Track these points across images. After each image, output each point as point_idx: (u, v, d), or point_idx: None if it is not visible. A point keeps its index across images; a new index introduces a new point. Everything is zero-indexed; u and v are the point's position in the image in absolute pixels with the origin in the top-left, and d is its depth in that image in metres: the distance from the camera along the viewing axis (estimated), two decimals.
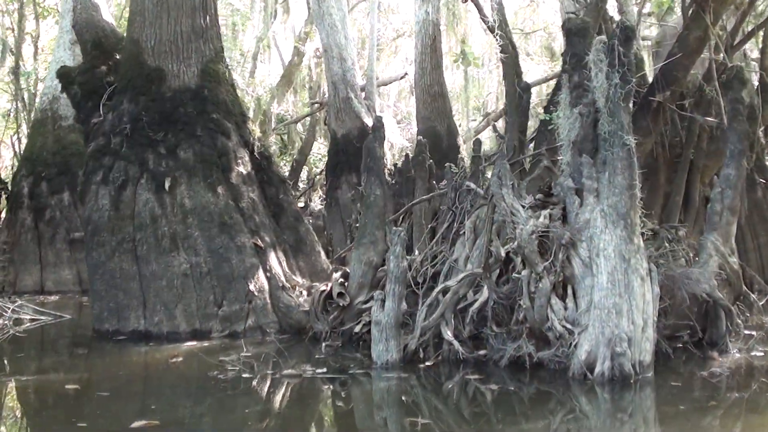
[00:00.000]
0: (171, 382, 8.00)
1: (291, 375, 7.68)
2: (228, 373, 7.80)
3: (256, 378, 7.65)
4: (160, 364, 8.94)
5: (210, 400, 7.01)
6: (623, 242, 7.26)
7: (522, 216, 7.62)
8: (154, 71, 11.18)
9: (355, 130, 19.71)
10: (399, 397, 7.08)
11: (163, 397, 7.21)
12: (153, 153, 10.94)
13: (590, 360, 7.11)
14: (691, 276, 7.92)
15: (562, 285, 7.64)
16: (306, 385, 7.41)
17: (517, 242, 7.50)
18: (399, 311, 8.09)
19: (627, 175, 7.34)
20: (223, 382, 7.49)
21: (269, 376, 7.69)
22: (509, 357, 7.77)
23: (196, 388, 7.54)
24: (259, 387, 7.35)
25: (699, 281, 7.91)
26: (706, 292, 8.09)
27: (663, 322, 7.88)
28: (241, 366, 7.97)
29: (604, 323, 7.10)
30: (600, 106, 7.51)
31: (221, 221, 10.78)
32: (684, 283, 7.88)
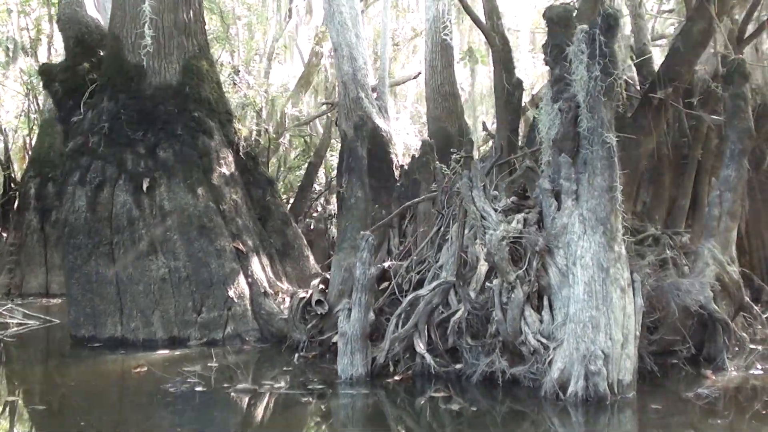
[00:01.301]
0: (118, 395, 7.54)
1: (245, 390, 7.17)
2: (182, 386, 7.31)
3: (209, 392, 7.14)
4: (122, 374, 8.49)
5: (147, 415, 6.52)
6: (602, 249, 6.63)
7: (493, 220, 7.02)
8: (134, 68, 10.80)
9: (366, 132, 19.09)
10: (348, 417, 6.52)
11: (99, 411, 6.73)
12: (131, 153, 10.55)
13: (564, 378, 6.49)
14: (681, 287, 7.24)
15: (538, 296, 7.02)
16: (255, 400, 6.90)
17: (486, 249, 6.91)
18: (366, 322, 7.54)
19: (607, 176, 6.70)
20: (172, 396, 7.01)
21: (222, 391, 7.17)
22: (482, 373, 7.16)
23: (141, 402, 7.06)
24: (206, 402, 6.86)
25: (690, 292, 7.24)
26: (700, 304, 7.40)
27: (648, 337, 7.20)
28: (197, 379, 7.49)
29: (579, 338, 6.47)
30: (580, 101, 6.88)
31: (200, 224, 10.34)
32: (674, 295, 7.21)
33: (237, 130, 11.30)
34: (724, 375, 7.42)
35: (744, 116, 8.16)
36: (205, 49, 11.31)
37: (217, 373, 7.83)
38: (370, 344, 7.69)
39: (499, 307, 6.97)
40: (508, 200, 7.50)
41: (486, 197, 7.30)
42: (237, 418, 6.46)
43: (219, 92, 11.32)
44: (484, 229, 7.09)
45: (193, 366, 8.33)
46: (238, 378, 7.56)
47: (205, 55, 11.30)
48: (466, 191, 7.25)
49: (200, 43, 11.16)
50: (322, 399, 7.01)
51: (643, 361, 7.02)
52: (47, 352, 10.48)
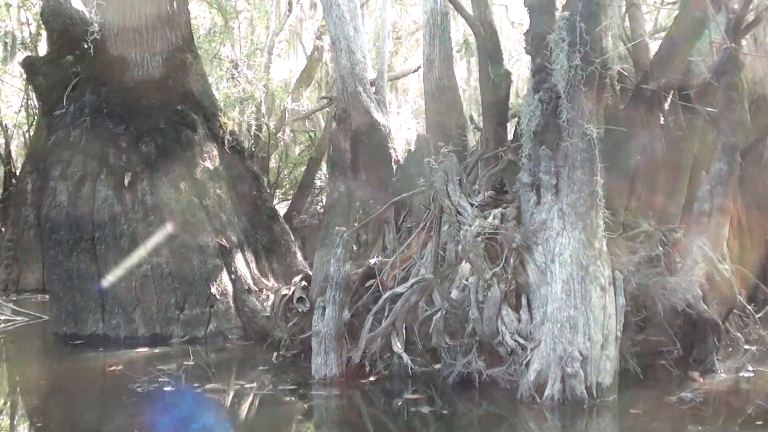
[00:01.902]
0: (85, 395, 7.33)
1: (214, 389, 6.95)
2: (150, 386, 7.09)
3: (177, 392, 6.91)
4: (96, 373, 8.28)
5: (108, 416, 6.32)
6: (581, 246, 6.34)
7: (468, 215, 6.74)
8: (116, 60, 10.59)
9: (364, 126, 18.76)
10: (313, 419, 6.27)
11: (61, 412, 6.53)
12: (113, 147, 10.34)
13: (540, 381, 6.22)
14: (666, 285, 6.93)
15: (516, 294, 6.74)
16: (222, 401, 6.66)
17: (461, 245, 6.63)
18: (340, 320, 7.30)
19: (587, 169, 6.41)
20: (138, 396, 6.80)
21: (190, 391, 6.93)
22: (459, 374, 6.90)
23: (104, 402, 6.88)
24: (171, 402, 6.64)
25: (676, 291, 6.93)
26: (687, 304, 7.10)
27: (632, 338, 6.89)
28: (168, 378, 7.27)
29: (557, 339, 6.20)
30: (560, 91, 6.59)
31: (183, 219, 10.11)
32: (659, 294, 6.90)
33: (223, 123, 11.06)
34: (713, 377, 7.12)
35: (736, 108, 7.84)
36: (189, 41, 11.07)
37: (190, 373, 7.59)
38: (346, 343, 7.43)
39: (475, 306, 6.70)
40: (486, 194, 7.21)
41: (462, 191, 7.02)
42: (198, 419, 6.22)
43: (204, 85, 11.09)
44: (459, 224, 6.81)
45: (168, 365, 8.11)
46: (209, 378, 7.31)
47: (190, 47, 11.06)
48: (441, 185, 6.98)
49: (184, 36, 10.93)
50: (291, 400, 6.77)
51: (626, 363, 6.71)
52: (28, 349, 10.31)
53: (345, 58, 19.05)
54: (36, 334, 11.10)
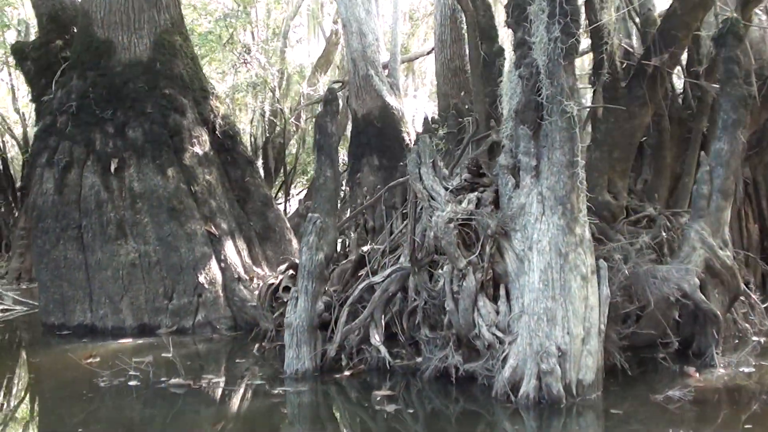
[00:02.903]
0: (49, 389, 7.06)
1: (179, 384, 6.63)
2: (115, 380, 6.81)
3: (141, 387, 6.61)
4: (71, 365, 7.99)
5: (59, 414, 6.03)
6: (561, 233, 5.89)
7: (442, 200, 6.32)
8: (103, 44, 10.30)
9: (376, 110, 18.48)
10: (263, 418, 5.89)
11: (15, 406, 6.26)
12: (100, 132, 10.07)
13: (516, 377, 5.80)
14: (657, 274, 6.44)
15: (494, 284, 6.32)
16: (183, 397, 6.33)
17: (433, 232, 6.22)
18: (314, 312, 6.94)
19: (567, 149, 5.94)
20: (99, 392, 6.52)
21: (155, 386, 6.62)
22: (435, 368, 6.50)
23: (63, 397, 6.56)
24: (131, 398, 6.32)
25: (668, 280, 6.44)
26: (683, 293, 6.61)
27: (619, 330, 6.42)
28: (137, 372, 6.97)
29: (533, 333, 5.77)
30: (540, 66, 6.12)
31: (170, 206, 9.83)
32: (649, 283, 6.42)
33: (214, 107, 10.72)
34: (711, 372, 6.64)
35: (738, 82, 7.30)
36: (178, 23, 10.74)
37: (163, 366, 7.27)
38: (320, 336, 7.07)
39: (450, 297, 6.30)
40: (461, 178, 6.77)
41: (436, 175, 6.59)
42: (149, 416, 5.90)
43: (194, 68, 10.75)
44: (432, 209, 6.40)
45: (147, 357, 7.82)
46: (180, 371, 6.99)
47: (179, 29, 10.73)
48: (413, 168, 6.56)
49: (173, 17, 10.60)
50: (252, 396, 6.41)
51: (613, 358, 6.26)
52: (13, 340, 10.10)
53: (356, 41, 18.77)
54: (29, 324, 10.90)
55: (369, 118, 18.39)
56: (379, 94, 18.32)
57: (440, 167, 6.71)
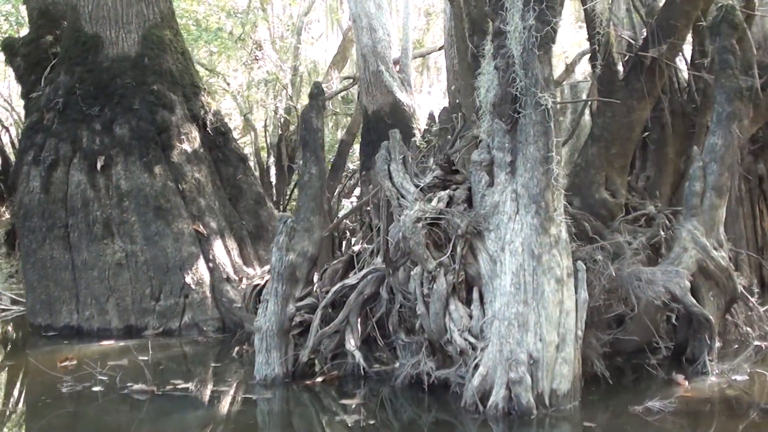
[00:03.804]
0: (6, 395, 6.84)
1: (141, 391, 6.38)
2: (79, 386, 6.59)
3: (103, 393, 6.38)
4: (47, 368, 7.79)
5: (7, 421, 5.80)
6: (534, 233, 5.54)
7: (411, 198, 6.00)
8: (90, 39, 10.10)
9: (387, 106, 18.17)
10: (213, 428, 5.60)
11: None
12: (87, 129, 9.88)
13: (486, 386, 5.46)
14: (642, 276, 6.06)
15: (468, 287, 5.98)
16: (143, 404, 6.09)
17: (401, 231, 5.90)
18: (285, 315, 6.65)
19: (541, 144, 5.59)
20: (59, 398, 6.30)
21: (118, 392, 6.38)
22: (407, 375, 6.19)
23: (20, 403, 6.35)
24: (88, 406, 6.09)
25: (653, 282, 6.05)
26: (672, 296, 6.22)
27: (599, 336, 6.04)
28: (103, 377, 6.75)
29: (504, 339, 5.42)
30: (516, 56, 5.77)
31: (157, 205, 9.60)
32: (634, 286, 6.04)
33: (205, 103, 10.48)
34: (702, 381, 6.24)
35: (733, 73, 6.88)
36: (168, 17, 10.51)
37: (136, 371, 7.01)
38: (291, 341, 6.79)
39: (421, 300, 5.97)
40: (433, 175, 6.44)
41: (407, 172, 6.27)
42: (100, 425, 5.65)
43: (184, 63, 10.51)
44: (401, 208, 6.08)
45: (121, 360, 7.61)
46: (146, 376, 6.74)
47: (169, 23, 10.49)
48: (381, 165, 6.24)
49: (163, 11, 10.37)
50: (217, 403, 6.15)
51: (589, 366, 5.89)
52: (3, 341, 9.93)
53: (366, 36, 18.46)
54: (19, 325, 10.74)
55: (379, 114, 18.09)
56: (390, 91, 18.01)
57: (411, 164, 6.39)
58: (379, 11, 18.47)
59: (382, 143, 6.50)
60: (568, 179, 9.26)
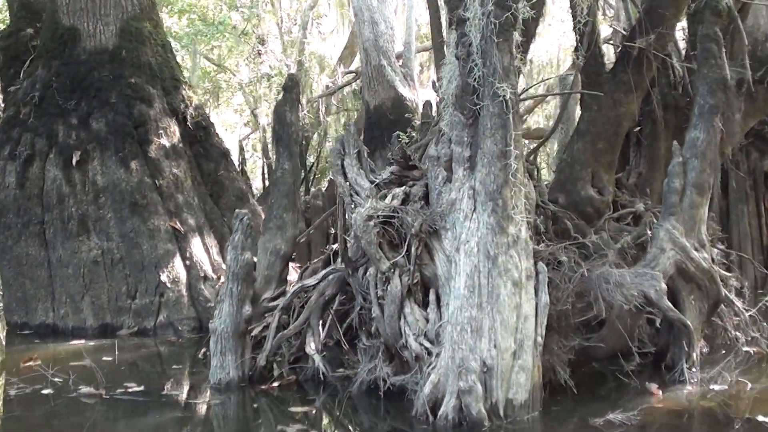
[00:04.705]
0: None
1: (90, 394, 6.12)
2: (29, 388, 6.35)
3: (49, 397, 6.12)
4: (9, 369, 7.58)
5: None
6: (490, 232, 5.20)
7: (364, 195, 5.68)
8: (68, 31, 9.89)
9: (389, 101, 17.85)
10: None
11: None
12: (63, 124, 9.66)
13: (437, 395, 5.13)
14: (610, 278, 5.68)
15: (425, 289, 5.65)
16: (89, 407, 5.83)
17: (352, 230, 5.58)
18: (240, 317, 6.36)
19: (499, 137, 5.24)
20: (6, 401, 6.06)
21: (65, 395, 6.12)
22: (363, 381, 5.87)
23: None
24: (30, 409, 5.82)
25: (622, 285, 5.67)
26: (647, 299, 5.84)
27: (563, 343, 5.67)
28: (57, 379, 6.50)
29: (456, 345, 5.09)
30: (474, 45, 5.44)
31: (132, 201, 9.35)
32: (602, 289, 5.67)
33: (186, 97, 10.22)
34: (678, 390, 5.86)
35: (716, 63, 6.48)
36: (148, 8, 10.26)
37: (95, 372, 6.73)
38: (249, 343, 6.50)
39: (375, 302, 5.65)
40: (389, 171, 6.10)
41: (362, 167, 5.95)
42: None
43: (164, 56, 10.26)
44: (354, 205, 5.76)
45: (85, 360, 7.35)
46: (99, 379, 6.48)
47: (148, 15, 10.24)
48: (335, 160, 5.93)
49: (142, 3, 10.12)
50: (162, 409, 5.86)
51: (557, 375, 5.54)
52: None
53: (368, 30, 18.12)
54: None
55: (381, 109, 17.79)
56: (392, 85, 17.69)
57: (366, 159, 6.07)
58: (381, 4, 18.13)
59: (337, 137, 6.18)
60: (554, 175, 8.92)
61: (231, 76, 21.46)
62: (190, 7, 20.31)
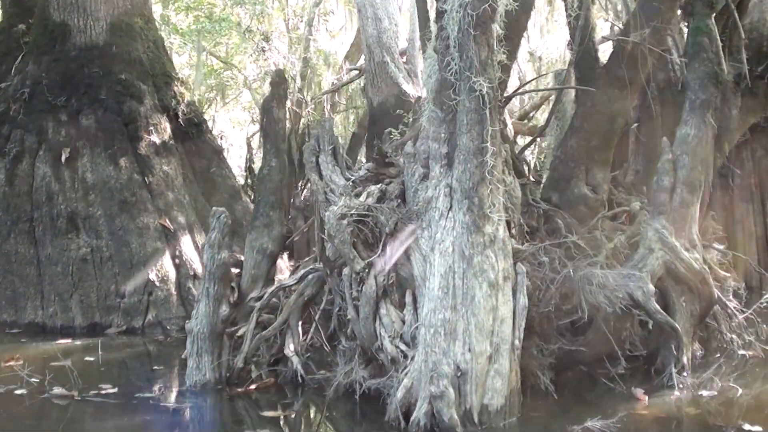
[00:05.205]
0: None
1: (61, 395, 5.99)
2: (3, 388, 6.23)
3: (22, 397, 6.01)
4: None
5: None
6: (466, 231, 5.01)
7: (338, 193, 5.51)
8: (58, 27, 9.78)
9: (392, 98, 17.58)
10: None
11: None
12: (53, 120, 9.55)
13: (410, 400, 4.96)
14: (593, 279, 5.48)
15: (401, 290, 5.48)
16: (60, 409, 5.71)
17: (327, 229, 5.42)
18: (217, 317, 6.23)
19: (475, 134, 5.05)
20: None
21: (37, 396, 6.00)
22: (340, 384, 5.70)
23: None
24: None
25: (605, 287, 5.47)
26: (632, 300, 5.65)
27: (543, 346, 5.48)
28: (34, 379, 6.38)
29: (429, 348, 4.91)
30: (452, 38, 5.25)
31: (121, 198, 9.23)
32: (586, 290, 5.47)
33: (178, 94, 10.08)
34: (666, 396, 5.66)
35: (708, 56, 6.26)
36: (139, 4, 10.13)
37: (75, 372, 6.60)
38: (226, 344, 6.35)
39: (350, 303, 5.49)
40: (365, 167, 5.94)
41: (337, 164, 5.78)
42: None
43: (156, 52, 10.14)
44: (328, 203, 5.60)
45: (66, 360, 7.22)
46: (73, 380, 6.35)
47: (140, 11, 10.12)
48: (309, 157, 5.76)
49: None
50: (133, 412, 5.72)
51: (532, 378, 5.36)
52: None
53: (371, 26, 17.86)
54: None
55: (385, 106, 17.54)
56: (395, 82, 17.44)
57: (342, 156, 5.90)
58: (385, 1, 17.93)
59: (312, 133, 6.02)
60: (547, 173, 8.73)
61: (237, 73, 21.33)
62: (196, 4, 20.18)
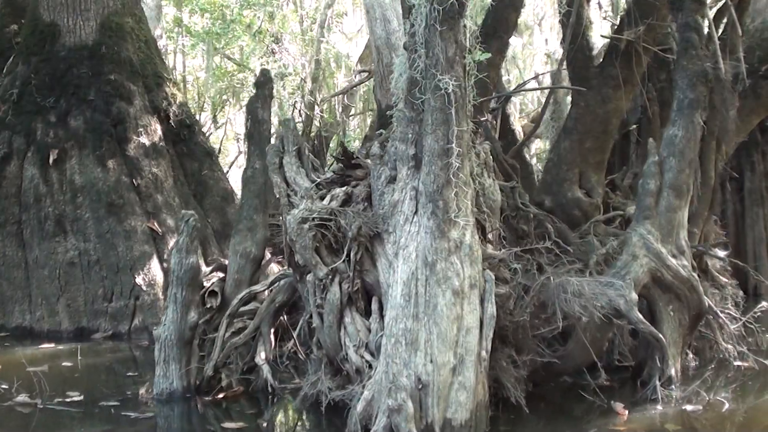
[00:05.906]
0: None
1: (25, 403, 5.83)
2: None
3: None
4: None
5: None
6: (429, 237, 4.78)
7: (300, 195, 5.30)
8: (48, 27, 9.67)
9: None
10: None
11: None
12: (42, 121, 9.43)
13: (370, 413, 4.73)
14: (569, 288, 5.21)
15: (368, 297, 5.25)
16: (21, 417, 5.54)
17: (288, 234, 5.20)
18: (185, 323, 6.02)
19: (441, 134, 4.81)
20: None
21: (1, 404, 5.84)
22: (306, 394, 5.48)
23: None
24: None
25: (582, 295, 5.20)
26: (614, 310, 5.37)
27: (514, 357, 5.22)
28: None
29: (390, 359, 4.68)
30: (418, 34, 5.02)
31: (109, 201, 9.09)
32: (561, 299, 5.21)
33: (170, 95, 9.92)
34: (647, 410, 5.38)
35: (697, 54, 5.96)
36: (130, 4, 9.99)
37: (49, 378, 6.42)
38: (195, 352, 6.16)
39: (314, 311, 5.26)
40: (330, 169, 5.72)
41: (302, 165, 5.57)
42: None
43: (147, 53, 9.99)
44: (291, 206, 5.38)
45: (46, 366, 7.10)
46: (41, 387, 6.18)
47: (131, 11, 9.97)
48: (272, 158, 5.55)
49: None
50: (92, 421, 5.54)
51: (500, 391, 5.10)
52: None
53: (380, 28, 17.64)
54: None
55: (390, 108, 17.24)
56: None
57: (308, 157, 5.68)
58: (394, 1, 17.71)
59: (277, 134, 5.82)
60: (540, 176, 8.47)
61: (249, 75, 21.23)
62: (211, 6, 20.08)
